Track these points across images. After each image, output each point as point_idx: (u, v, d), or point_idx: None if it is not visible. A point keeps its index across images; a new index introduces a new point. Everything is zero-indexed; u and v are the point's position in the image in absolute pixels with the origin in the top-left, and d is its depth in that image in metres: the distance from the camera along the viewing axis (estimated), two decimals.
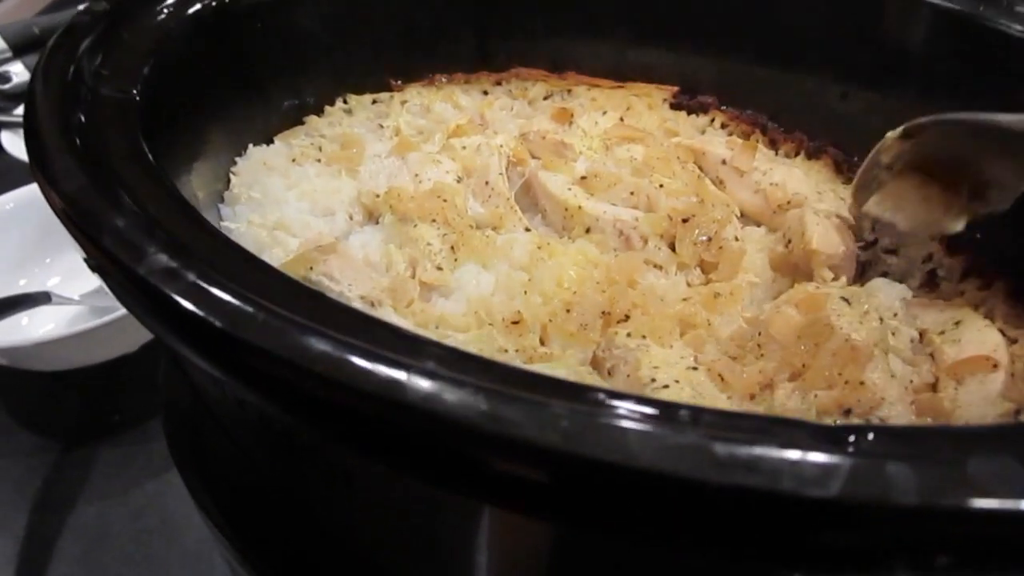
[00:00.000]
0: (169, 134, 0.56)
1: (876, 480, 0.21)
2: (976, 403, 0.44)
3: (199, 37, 0.61)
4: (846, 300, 0.50)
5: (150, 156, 0.42)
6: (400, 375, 0.24)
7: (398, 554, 0.41)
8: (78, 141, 0.40)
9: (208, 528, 0.49)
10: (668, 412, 0.24)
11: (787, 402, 0.44)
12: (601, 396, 0.24)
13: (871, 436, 0.23)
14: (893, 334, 0.51)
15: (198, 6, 0.61)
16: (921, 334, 0.54)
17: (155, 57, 0.54)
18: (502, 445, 0.23)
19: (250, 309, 0.27)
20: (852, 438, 0.23)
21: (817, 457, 0.21)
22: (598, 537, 0.27)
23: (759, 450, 0.21)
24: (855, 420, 0.43)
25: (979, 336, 0.51)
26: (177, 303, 0.28)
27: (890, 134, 0.56)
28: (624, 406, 0.24)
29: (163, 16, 0.59)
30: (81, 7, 1.22)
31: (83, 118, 0.44)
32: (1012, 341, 0.53)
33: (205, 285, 0.29)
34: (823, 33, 0.69)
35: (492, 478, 0.24)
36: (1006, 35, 0.57)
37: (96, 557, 0.74)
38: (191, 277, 0.29)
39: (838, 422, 0.43)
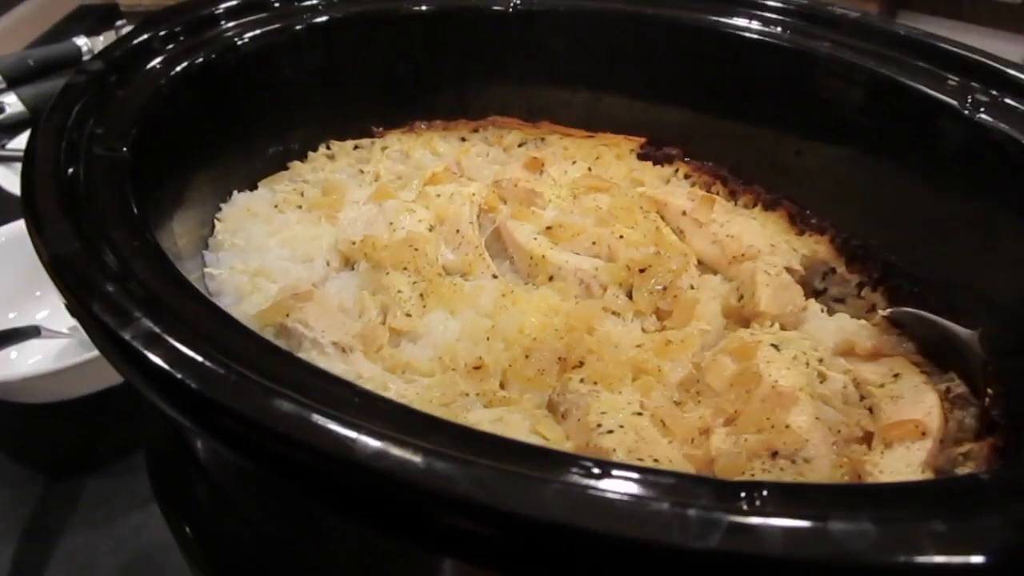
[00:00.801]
0: (158, 185, 0.59)
1: (751, 536, 0.24)
2: (899, 470, 0.47)
3: (187, 92, 0.64)
4: (776, 347, 0.54)
5: (138, 213, 0.46)
6: (351, 434, 0.27)
7: None
8: (72, 202, 0.44)
9: (187, 562, 0.52)
10: (585, 469, 0.27)
11: (722, 446, 0.48)
12: (527, 453, 0.27)
13: (764, 493, 0.27)
14: (822, 381, 0.55)
15: (186, 63, 0.64)
16: (858, 384, 0.57)
17: (145, 114, 0.58)
18: (438, 499, 0.26)
19: (222, 371, 0.31)
20: (743, 494, 0.27)
21: (702, 513, 0.25)
22: None
23: (653, 505, 0.25)
24: (781, 462, 0.47)
25: (915, 394, 0.54)
26: (157, 366, 0.32)
27: (880, 313, 0.62)
28: (549, 462, 0.27)
29: (154, 73, 0.63)
30: (79, 41, 1.25)
31: (77, 177, 0.48)
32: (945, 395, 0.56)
33: (183, 349, 0.32)
34: (778, 93, 0.74)
35: (435, 530, 0.27)
36: (926, 96, 0.62)
37: None
38: (171, 342, 0.33)
39: (765, 463, 0.47)
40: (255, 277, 0.60)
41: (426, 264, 0.61)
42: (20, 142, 1.32)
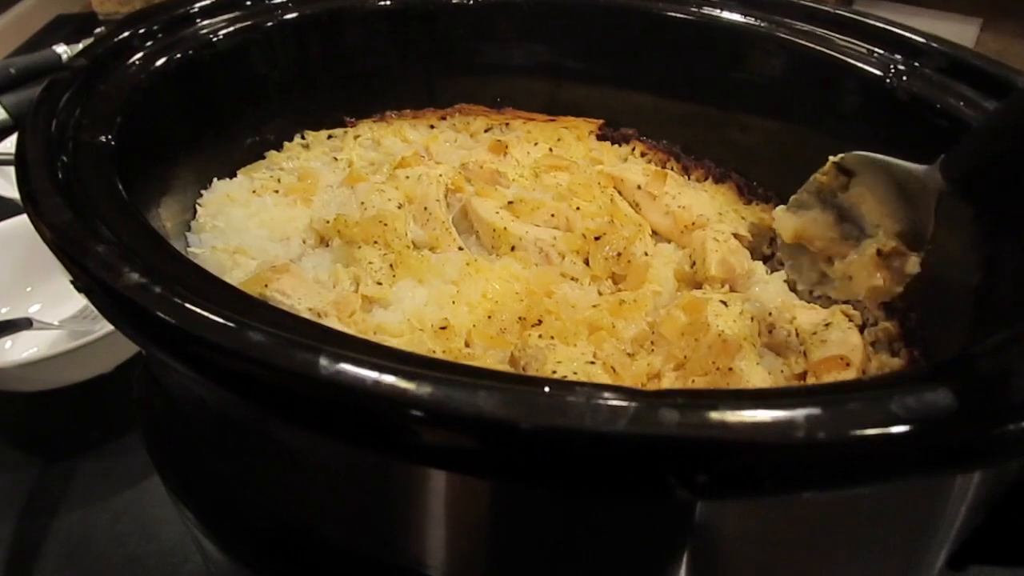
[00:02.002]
0: (142, 173, 0.64)
1: (650, 419, 0.29)
2: None
3: (167, 86, 0.68)
4: (724, 303, 0.59)
5: (124, 193, 0.50)
6: (313, 356, 0.32)
7: (351, 526, 0.48)
8: (63, 183, 0.48)
9: (183, 521, 0.56)
10: (519, 380, 0.32)
11: (671, 387, 0.53)
12: (467, 370, 0.32)
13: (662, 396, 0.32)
14: (771, 331, 0.60)
15: (165, 59, 0.68)
16: (798, 332, 0.62)
17: (128, 106, 0.62)
18: (392, 405, 0.31)
19: (203, 312, 0.35)
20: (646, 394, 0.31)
21: (612, 403, 0.30)
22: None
23: (569, 398, 0.30)
24: None
25: (842, 337, 0.60)
26: (147, 310, 0.36)
27: (831, 159, 0.61)
28: (486, 375, 0.32)
29: (135, 69, 0.67)
30: (59, 49, 1.29)
31: (66, 162, 0.52)
32: (871, 343, 0.62)
33: (169, 296, 0.36)
34: (724, 74, 0.79)
35: (390, 433, 0.32)
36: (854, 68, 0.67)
37: (78, 559, 0.80)
38: (158, 290, 0.37)
39: None
40: (235, 254, 0.65)
41: (395, 238, 0.66)
42: (3, 147, 1.36)
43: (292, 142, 0.85)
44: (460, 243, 0.69)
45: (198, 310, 0.35)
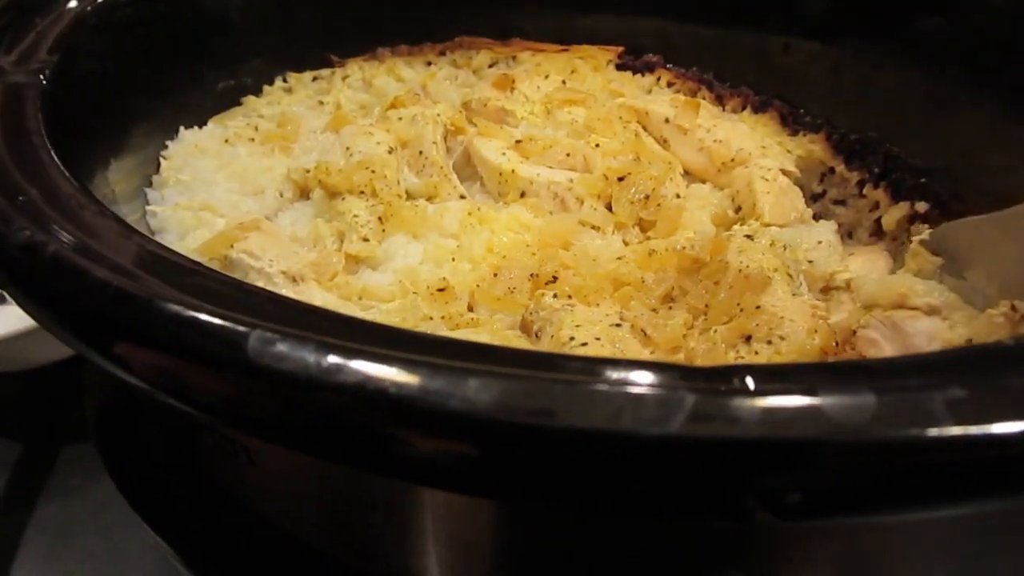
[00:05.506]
0: (87, 119, 0.55)
1: (719, 413, 0.20)
2: None
3: (117, 23, 0.59)
4: (749, 237, 0.50)
5: (45, 139, 0.41)
6: (239, 335, 0.23)
7: (325, 533, 0.40)
8: None
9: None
10: (518, 357, 0.23)
11: (695, 345, 0.43)
12: (437, 343, 0.23)
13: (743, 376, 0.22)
14: (810, 261, 0.51)
15: None
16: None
17: (68, 42, 0.53)
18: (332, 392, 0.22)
19: (100, 278, 0.26)
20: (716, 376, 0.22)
21: (660, 392, 0.20)
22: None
23: (599, 386, 0.20)
24: (756, 345, 0.43)
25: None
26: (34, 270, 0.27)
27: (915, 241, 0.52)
28: (468, 350, 0.23)
29: (79, 2, 0.57)
30: None
31: None
32: None
33: (62, 258, 0.28)
34: None
35: (332, 432, 0.23)
36: None
37: (60, 552, 0.74)
38: (50, 251, 0.28)
39: (740, 351, 0.42)
40: (200, 212, 0.56)
41: (385, 187, 0.56)
42: None
43: (272, 86, 0.75)
44: (462, 191, 0.60)
45: (90, 273, 0.26)
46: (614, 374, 0.21)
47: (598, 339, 0.43)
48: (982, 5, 0.57)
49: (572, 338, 0.43)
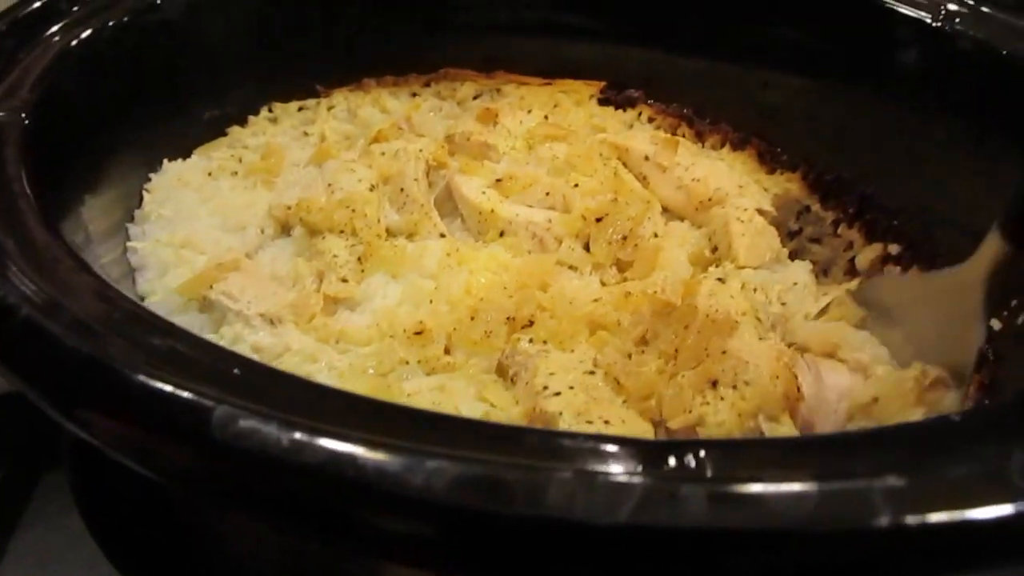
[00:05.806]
0: (73, 155, 0.55)
1: (666, 501, 0.20)
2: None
3: (102, 56, 0.60)
4: (721, 280, 0.51)
5: (24, 183, 0.42)
6: (203, 410, 0.23)
7: None
8: None
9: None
10: (470, 432, 0.23)
11: (665, 390, 0.44)
12: (395, 414, 0.23)
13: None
14: (783, 304, 0.51)
15: (100, 24, 0.59)
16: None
17: (49, 77, 0.54)
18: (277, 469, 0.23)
19: (66, 344, 0.26)
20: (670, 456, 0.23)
21: (612, 479, 0.21)
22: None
23: (552, 470, 0.21)
24: (722, 390, 0.43)
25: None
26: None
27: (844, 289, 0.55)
28: (425, 428, 0.23)
29: (61, 36, 0.58)
30: None
31: None
32: None
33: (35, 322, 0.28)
34: (741, 23, 0.69)
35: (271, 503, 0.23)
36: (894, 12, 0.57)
37: None
38: (24, 313, 0.28)
39: (707, 396, 0.43)
40: (181, 249, 0.56)
41: (365, 226, 0.57)
42: None
43: (258, 115, 0.75)
44: (443, 228, 0.60)
45: (60, 341, 0.26)
46: (569, 452, 0.22)
47: (571, 388, 0.43)
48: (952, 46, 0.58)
49: (546, 387, 0.43)
